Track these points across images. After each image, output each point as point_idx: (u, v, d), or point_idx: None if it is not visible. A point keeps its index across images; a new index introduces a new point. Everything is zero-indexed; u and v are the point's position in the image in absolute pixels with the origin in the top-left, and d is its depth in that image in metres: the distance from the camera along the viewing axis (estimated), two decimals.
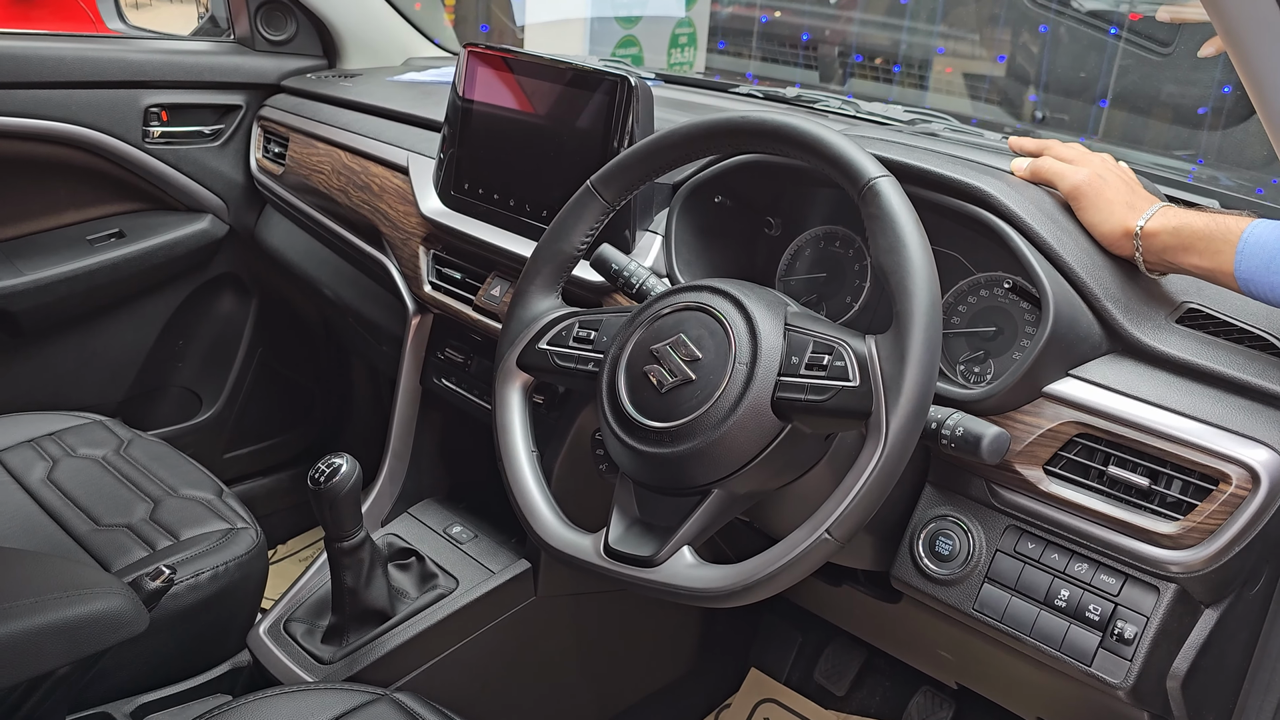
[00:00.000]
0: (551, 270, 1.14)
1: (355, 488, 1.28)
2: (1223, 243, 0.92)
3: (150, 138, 1.98)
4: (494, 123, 1.48)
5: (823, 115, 1.70)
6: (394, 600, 1.41)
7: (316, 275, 2.01)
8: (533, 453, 1.10)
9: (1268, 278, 0.89)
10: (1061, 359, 1.01)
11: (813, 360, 0.93)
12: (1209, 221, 0.94)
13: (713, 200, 1.30)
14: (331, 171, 1.81)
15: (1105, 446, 0.99)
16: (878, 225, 0.91)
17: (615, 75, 1.32)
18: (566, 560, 1.01)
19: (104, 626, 1.10)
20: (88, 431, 1.68)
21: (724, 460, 0.94)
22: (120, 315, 2.06)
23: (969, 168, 1.11)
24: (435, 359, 1.62)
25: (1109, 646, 0.98)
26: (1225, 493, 0.92)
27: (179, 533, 1.44)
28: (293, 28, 2.13)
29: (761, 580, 0.90)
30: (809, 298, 1.32)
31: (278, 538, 2.31)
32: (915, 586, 1.10)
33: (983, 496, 1.06)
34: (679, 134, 1.06)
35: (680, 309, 1.01)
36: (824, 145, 0.96)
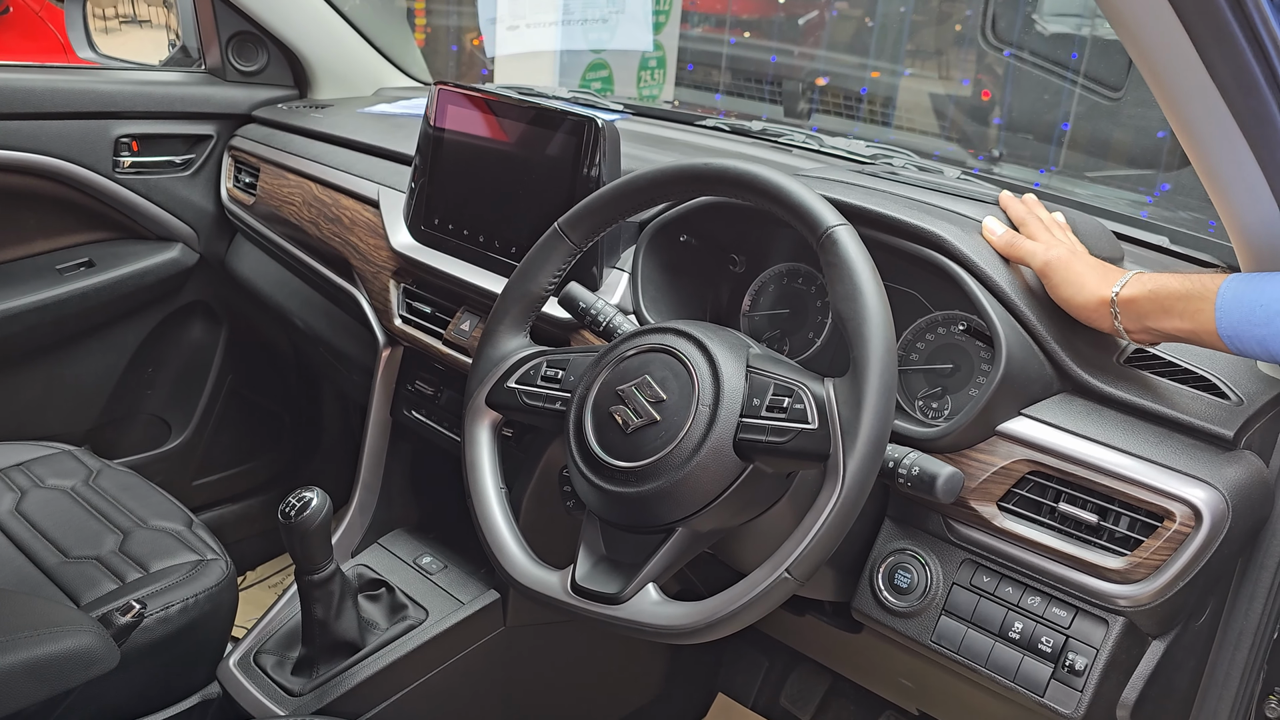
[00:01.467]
0: (520, 310, 1.16)
1: (326, 521, 1.29)
2: (1201, 301, 0.91)
3: (121, 167, 1.99)
4: (464, 159, 1.50)
5: (787, 150, 1.73)
6: (364, 632, 1.42)
7: (287, 305, 2.02)
8: (501, 489, 1.12)
9: (1251, 330, 0.88)
10: (1014, 399, 1.04)
11: (773, 402, 0.95)
12: (1184, 281, 0.93)
13: (678, 239, 1.33)
14: (303, 203, 1.83)
15: (1056, 484, 1.02)
16: (835, 273, 0.94)
17: (582, 116, 1.34)
18: (534, 597, 1.03)
19: (75, 664, 1.11)
20: (56, 461, 1.68)
21: (688, 499, 0.97)
22: (89, 344, 2.06)
23: (925, 212, 1.15)
24: (405, 391, 1.64)
25: (1060, 677, 1.01)
26: (1169, 529, 0.95)
27: (148, 565, 1.45)
28: (264, 58, 2.14)
29: (724, 618, 0.92)
30: (772, 333, 1.35)
31: (247, 564, 2.31)
32: (875, 618, 1.13)
33: (939, 531, 1.09)
34: (645, 179, 1.09)
35: (645, 350, 1.03)
36: (784, 194, 0.99)
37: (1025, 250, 1.08)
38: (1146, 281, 0.96)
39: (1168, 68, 0.82)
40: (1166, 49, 0.81)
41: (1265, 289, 0.89)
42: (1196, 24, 0.79)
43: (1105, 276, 1.00)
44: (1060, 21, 4.17)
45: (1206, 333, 0.92)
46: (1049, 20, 4.18)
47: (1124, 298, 0.97)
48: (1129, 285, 0.97)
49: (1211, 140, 0.85)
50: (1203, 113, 0.83)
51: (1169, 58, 0.81)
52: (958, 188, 1.38)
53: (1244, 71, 0.82)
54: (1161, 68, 0.83)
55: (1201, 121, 0.85)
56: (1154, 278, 0.96)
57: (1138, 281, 0.97)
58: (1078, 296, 1.02)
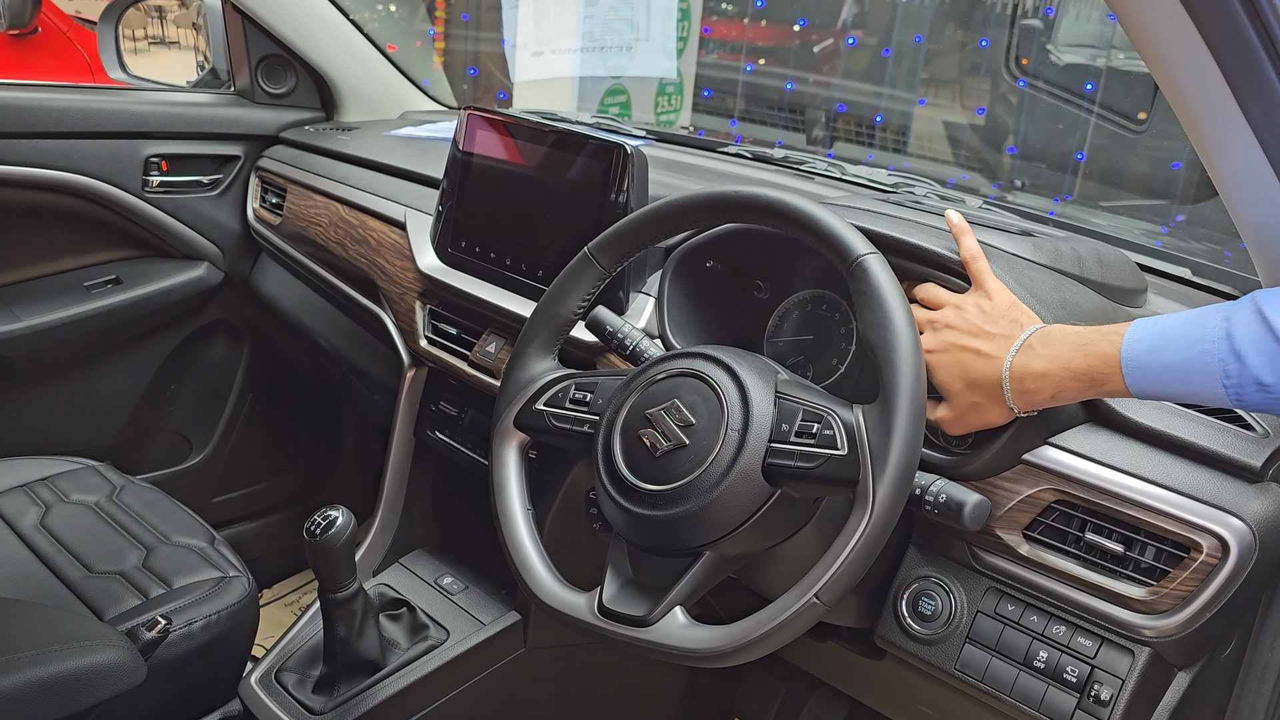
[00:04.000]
0: (549, 333, 1.17)
1: (350, 540, 1.29)
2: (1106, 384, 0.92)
3: (149, 187, 2.02)
4: (492, 183, 1.52)
5: (810, 178, 1.75)
6: (385, 651, 1.42)
7: (311, 324, 2.03)
8: (528, 511, 1.12)
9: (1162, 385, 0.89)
10: (1040, 428, 1.05)
11: (802, 428, 0.96)
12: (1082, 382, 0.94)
13: (704, 264, 1.34)
14: (329, 224, 1.85)
15: (1082, 513, 1.02)
16: (865, 301, 0.95)
17: (611, 142, 1.36)
18: (561, 619, 1.04)
19: (102, 679, 1.11)
20: (80, 477, 1.70)
21: (716, 523, 0.97)
22: (114, 360, 2.08)
23: (953, 241, 1.15)
24: (429, 411, 1.65)
25: (1086, 708, 1.01)
26: (1196, 560, 0.95)
27: (172, 581, 1.46)
28: (292, 81, 2.17)
29: (752, 642, 0.92)
30: (796, 359, 1.35)
31: (264, 582, 2.32)
32: (899, 645, 1.13)
33: (964, 559, 1.10)
34: (676, 205, 1.10)
35: (675, 375, 1.04)
36: (815, 222, 1.00)
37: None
38: (1043, 392, 0.96)
39: (1189, 82, 0.83)
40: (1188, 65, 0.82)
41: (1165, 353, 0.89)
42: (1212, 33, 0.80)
43: (1000, 402, 0.99)
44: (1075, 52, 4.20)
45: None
46: (1064, 50, 4.21)
47: (1027, 409, 0.99)
48: (1026, 400, 0.97)
49: (1227, 148, 0.86)
50: (1217, 116, 0.84)
51: (1189, 71, 0.82)
52: (982, 217, 1.39)
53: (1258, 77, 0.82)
54: (1183, 83, 0.84)
55: (1215, 125, 0.85)
56: (1047, 383, 0.95)
57: (1033, 397, 0.97)
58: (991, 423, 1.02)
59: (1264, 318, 0.83)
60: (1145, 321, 0.91)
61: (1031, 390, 0.96)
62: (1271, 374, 0.83)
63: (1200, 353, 0.86)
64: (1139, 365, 0.89)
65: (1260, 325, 0.83)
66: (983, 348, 0.99)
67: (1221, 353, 0.85)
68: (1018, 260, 1.15)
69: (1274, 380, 0.83)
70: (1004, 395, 0.98)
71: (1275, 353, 0.82)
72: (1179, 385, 0.88)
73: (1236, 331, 0.84)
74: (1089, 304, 1.14)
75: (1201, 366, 0.86)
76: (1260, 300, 0.85)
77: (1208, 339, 0.86)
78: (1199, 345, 0.86)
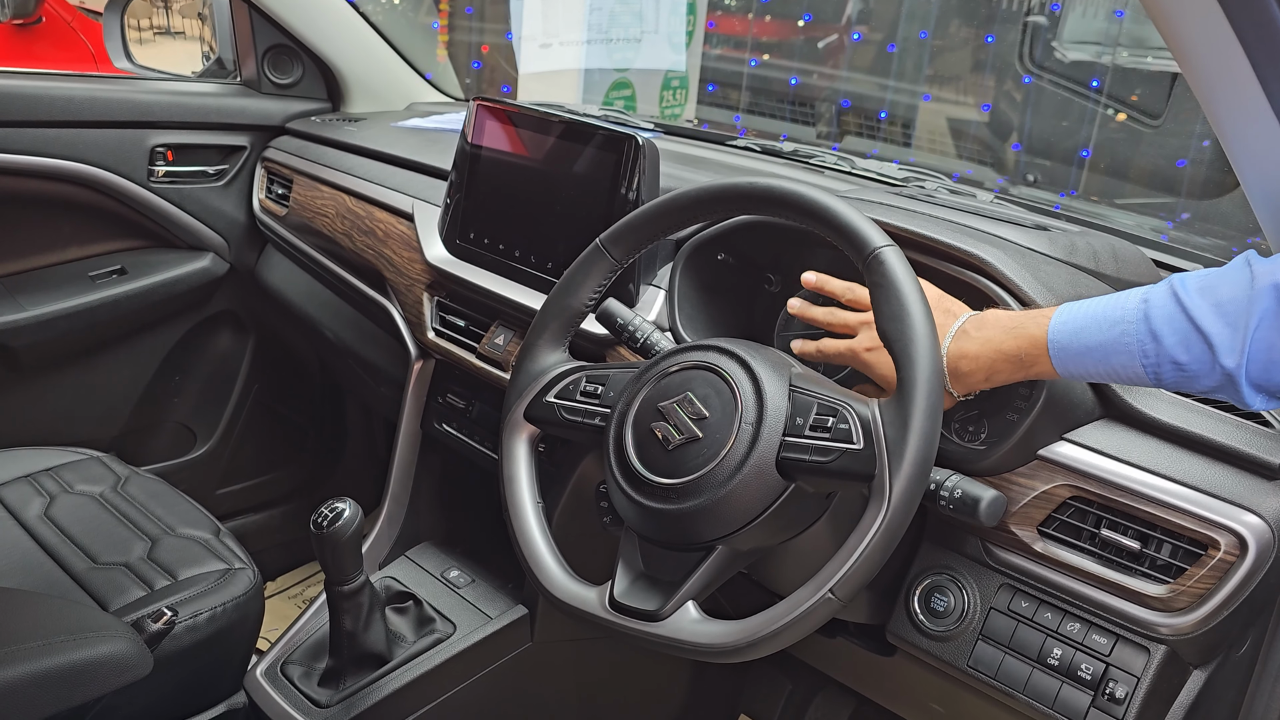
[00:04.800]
0: (559, 325, 1.16)
1: (358, 532, 1.29)
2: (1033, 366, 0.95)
3: (155, 177, 2.01)
4: (501, 174, 1.51)
5: (819, 171, 1.74)
6: (391, 644, 1.42)
7: (317, 316, 2.03)
8: (538, 504, 1.11)
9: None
10: (1056, 423, 1.04)
11: (817, 422, 0.95)
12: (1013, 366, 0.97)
13: (715, 257, 1.33)
14: (336, 215, 1.84)
15: (1097, 509, 1.02)
16: (882, 293, 0.94)
17: (623, 134, 1.35)
18: (571, 612, 1.03)
19: (109, 670, 1.11)
20: (84, 467, 1.68)
21: (729, 517, 0.96)
22: (119, 351, 2.07)
23: (967, 234, 1.15)
24: (436, 404, 1.64)
25: (1100, 706, 1.00)
26: (1214, 558, 0.95)
27: (177, 572, 1.45)
28: (299, 71, 2.16)
29: (766, 637, 0.92)
30: None
31: (268, 575, 2.31)
32: (910, 641, 1.12)
33: (978, 555, 1.09)
34: (689, 197, 1.09)
35: (687, 367, 1.03)
36: (831, 214, 0.99)
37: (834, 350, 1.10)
38: (977, 375, 0.98)
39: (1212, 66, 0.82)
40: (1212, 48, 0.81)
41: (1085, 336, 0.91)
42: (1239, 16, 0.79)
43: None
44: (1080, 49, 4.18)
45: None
46: (1068, 48, 4.19)
47: (965, 391, 1.01)
48: (961, 384, 1.00)
49: (1249, 133, 0.85)
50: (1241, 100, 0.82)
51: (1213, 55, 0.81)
52: (994, 211, 1.38)
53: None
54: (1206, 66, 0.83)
55: (1238, 108, 0.84)
56: (980, 365, 0.97)
57: (969, 380, 0.99)
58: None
59: (1178, 299, 0.86)
60: (1071, 305, 0.93)
61: (966, 373, 0.98)
62: (1185, 353, 0.86)
63: (1120, 334, 0.89)
64: (1063, 347, 0.92)
65: (1174, 305, 0.87)
66: None
67: (1139, 333, 0.88)
68: (1033, 255, 1.14)
69: (1188, 359, 0.86)
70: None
71: (1188, 332, 0.85)
72: (1101, 365, 0.91)
73: (1153, 313, 0.88)
74: None
75: (1121, 347, 0.89)
76: (1175, 282, 0.88)
77: (1126, 320, 0.89)
78: (1119, 327, 0.89)
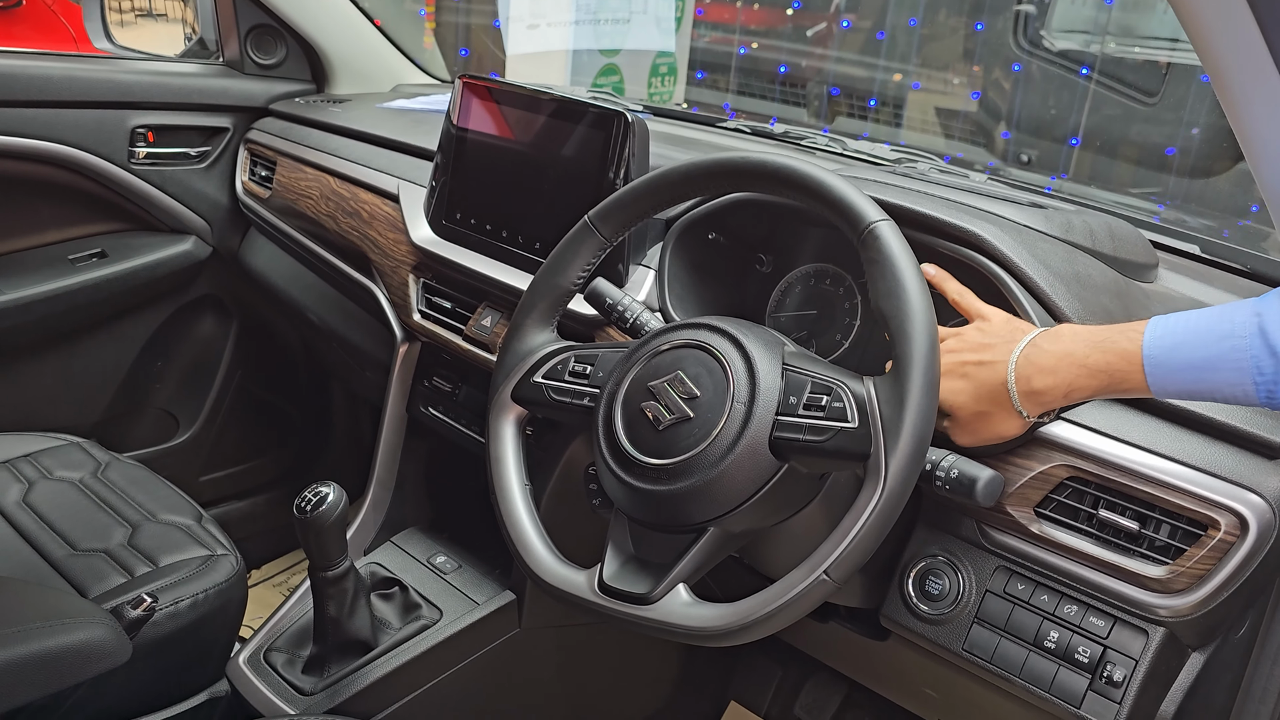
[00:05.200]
0: (547, 304, 1.14)
1: (342, 517, 1.27)
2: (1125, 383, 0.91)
3: (136, 158, 1.97)
4: (487, 153, 1.48)
5: (810, 152, 1.72)
6: (377, 631, 1.39)
7: (301, 300, 2.00)
8: (526, 486, 1.09)
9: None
10: None
11: (811, 400, 0.93)
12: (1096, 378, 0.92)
13: (706, 236, 1.31)
14: (320, 197, 1.81)
15: (1095, 490, 1.00)
16: (877, 269, 0.92)
17: (612, 110, 1.33)
18: (560, 596, 1.01)
19: (86, 657, 1.08)
20: (64, 453, 1.66)
21: (721, 498, 0.94)
22: (100, 335, 2.04)
23: (963, 211, 1.13)
24: (422, 387, 1.62)
25: (1098, 689, 0.99)
26: (1214, 538, 0.93)
27: (158, 559, 1.42)
28: (282, 52, 2.13)
29: (759, 620, 0.90)
30: (799, 334, 1.32)
31: (252, 562, 2.29)
32: (905, 625, 1.10)
33: (973, 537, 1.07)
34: (679, 172, 1.07)
35: (678, 346, 1.01)
36: (825, 189, 0.97)
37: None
38: (1055, 394, 0.94)
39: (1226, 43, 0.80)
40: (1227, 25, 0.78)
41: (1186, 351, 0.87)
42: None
43: (1011, 412, 0.96)
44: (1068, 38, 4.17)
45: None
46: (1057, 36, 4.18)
47: (1044, 412, 0.97)
48: (1037, 404, 0.95)
49: (1262, 114, 0.83)
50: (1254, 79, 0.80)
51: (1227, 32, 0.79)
52: (988, 189, 1.36)
53: None
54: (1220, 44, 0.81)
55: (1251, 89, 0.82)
56: (1058, 384, 0.93)
57: (1045, 399, 0.95)
58: (1007, 435, 0.99)
59: None
60: (1165, 318, 0.89)
61: (1040, 390, 0.94)
62: None
63: (1230, 349, 0.83)
64: (1160, 362, 0.87)
65: None
66: (984, 356, 0.97)
67: (1254, 348, 0.82)
68: (1029, 231, 1.12)
69: None
70: (1011, 399, 0.95)
71: None
72: (1203, 382, 0.85)
73: (1271, 327, 0.81)
74: (1101, 277, 1.11)
75: (1230, 363, 0.83)
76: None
77: (1237, 334, 0.83)
78: (1228, 341, 0.83)
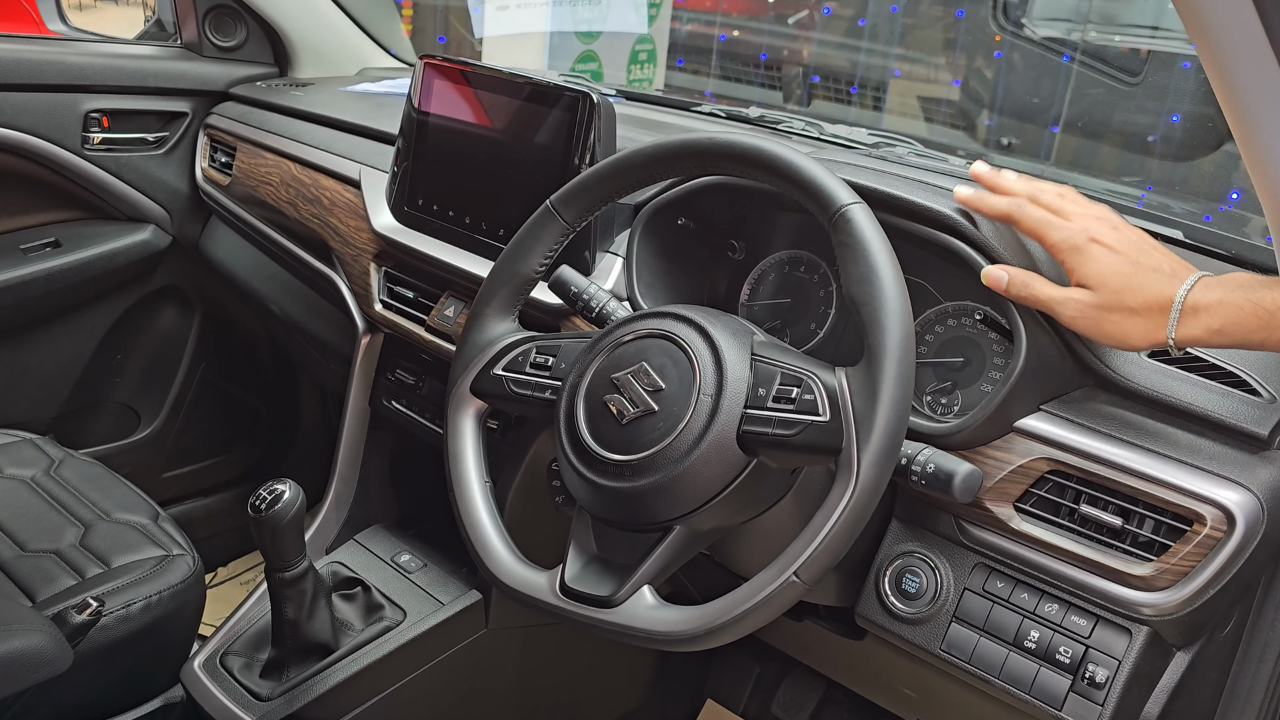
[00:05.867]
0: (508, 292, 1.09)
1: (298, 515, 1.22)
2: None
3: (90, 144, 1.91)
4: (450, 137, 1.43)
5: (786, 137, 1.67)
6: (338, 633, 1.35)
7: (263, 290, 1.94)
8: (486, 483, 1.05)
9: None
10: (1033, 393, 0.98)
11: (780, 393, 0.89)
12: (1257, 315, 0.82)
13: (675, 222, 1.27)
14: (280, 183, 1.75)
15: (1077, 484, 0.96)
16: (849, 254, 0.88)
17: (577, 91, 1.28)
18: (520, 599, 0.97)
19: (22, 666, 1.04)
20: (15, 450, 1.60)
21: (687, 496, 0.90)
22: (55, 328, 1.98)
23: (939, 195, 1.08)
24: (385, 380, 1.57)
25: (1080, 690, 0.95)
26: (1200, 534, 0.89)
27: (110, 560, 1.38)
28: (243, 34, 2.07)
29: (726, 624, 0.86)
30: (772, 324, 1.28)
31: (219, 560, 2.24)
32: (881, 625, 1.07)
33: (951, 533, 1.03)
34: (644, 154, 1.03)
35: (643, 336, 0.97)
36: (794, 170, 0.92)
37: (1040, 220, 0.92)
38: (1213, 319, 0.84)
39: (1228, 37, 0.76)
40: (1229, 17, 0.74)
41: None
42: None
43: (1156, 318, 0.87)
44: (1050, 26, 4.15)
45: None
46: (1039, 24, 4.16)
47: (1183, 338, 0.86)
48: (1188, 326, 0.85)
49: (1263, 106, 0.79)
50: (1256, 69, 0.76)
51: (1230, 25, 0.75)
52: (965, 175, 1.32)
53: None
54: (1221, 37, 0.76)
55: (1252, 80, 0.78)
56: (1223, 310, 0.84)
57: (1200, 321, 0.85)
58: (1127, 340, 0.89)
59: None
60: None
61: (1201, 319, 0.84)
62: None
63: None
64: None
65: None
66: (1164, 265, 0.88)
67: None
68: None
69: None
70: (1169, 316, 0.86)
71: None
72: None
73: None
74: None
75: None
76: None
77: None
78: None
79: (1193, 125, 3.34)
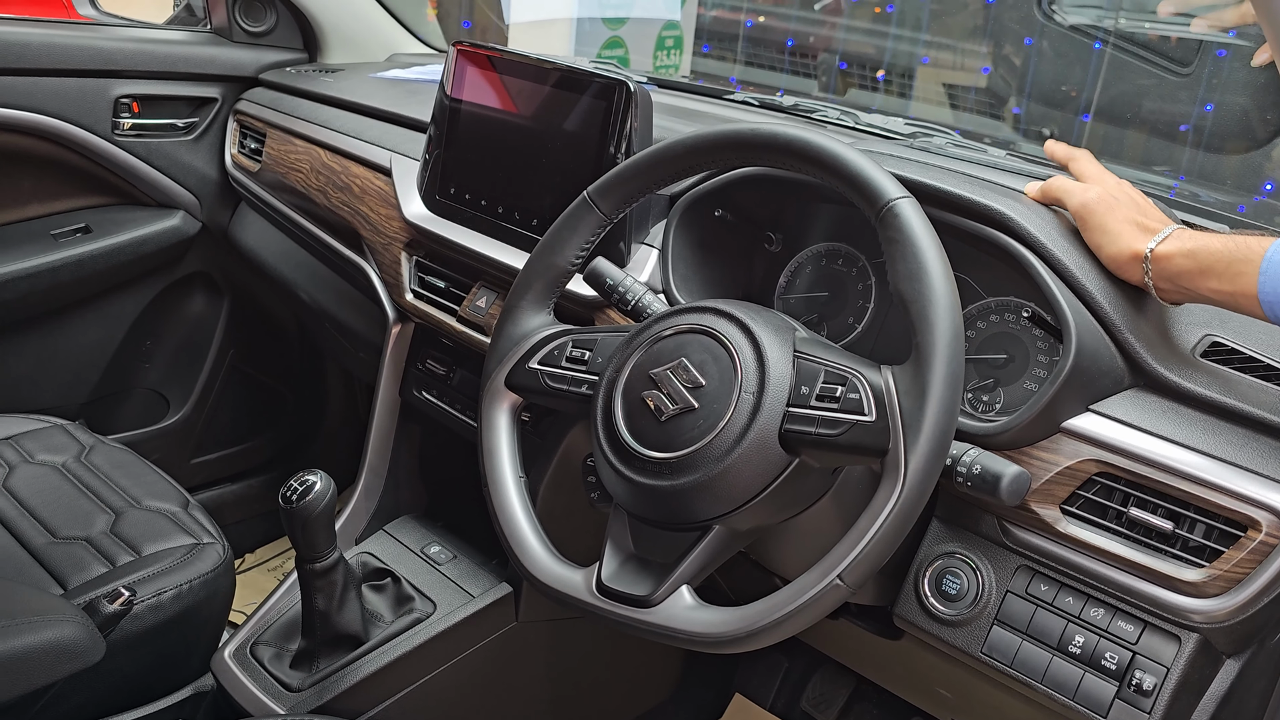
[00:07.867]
0: (544, 285, 1.07)
1: (329, 507, 1.22)
2: (1244, 264, 0.86)
3: (120, 129, 1.90)
4: (483, 125, 1.41)
5: (822, 126, 1.64)
6: (368, 624, 1.34)
7: (292, 277, 1.93)
8: (520, 478, 1.04)
9: None
10: (1082, 393, 0.96)
11: (824, 391, 0.87)
12: (1226, 243, 0.89)
13: (712, 214, 1.24)
14: (310, 170, 1.74)
15: (1126, 486, 0.94)
16: (898, 249, 0.86)
17: (613, 79, 1.26)
18: (555, 596, 0.95)
19: (56, 657, 1.03)
20: (47, 436, 1.61)
21: (727, 495, 0.88)
22: (85, 314, 1.98)
23: (985, 188, 1.06)
24: (415, 370, 1.56)
25: (1126, 697, 0.93)
26: (1254, 540, 0.87)
27: (141, 547, 1.37)
28: (272, 19, 2.05)
29: (767, 626, 0.84)
30: (809, 317, 1.26)
31: (246, 547, 2.24)
32: (920, 626, 1.05)
33: (994, 534, 1.01)
34: (684, 145, 1.00)
35: (682, 331, 0.95)
36: (841, 162, 0.90)
37: (1062, 188, 1.02)
38: (1186, 240, 0.91)
39: None
40: None
41: None
42: None
43: (1143, 229, 0.96)
44: (1080, 13, 4.08)
45: (1244, 295, 0.87)
46: (1069, 11, 4.09)
47: (1159, 253, 0.92)
48: (1167, 241, 0.92)
49: None
50: None
51: None
52: (1008, 164, 1.29)
53: None
54: None
55: None
56: (1195, 236, 0.92)
57: (1177, 238, 0.92)
58: (1110, 246, 0.96)
59: None
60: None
61: (1183, 240, 0.92)
62: None
63: None
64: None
65: None
66: (1147, 220, 0.97)
67: None
68: (1051, 208, 1.05)
69: None
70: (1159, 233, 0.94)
71: None
72: None
73: None
74: None
75: None
76: None
77: None
78: None
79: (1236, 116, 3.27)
